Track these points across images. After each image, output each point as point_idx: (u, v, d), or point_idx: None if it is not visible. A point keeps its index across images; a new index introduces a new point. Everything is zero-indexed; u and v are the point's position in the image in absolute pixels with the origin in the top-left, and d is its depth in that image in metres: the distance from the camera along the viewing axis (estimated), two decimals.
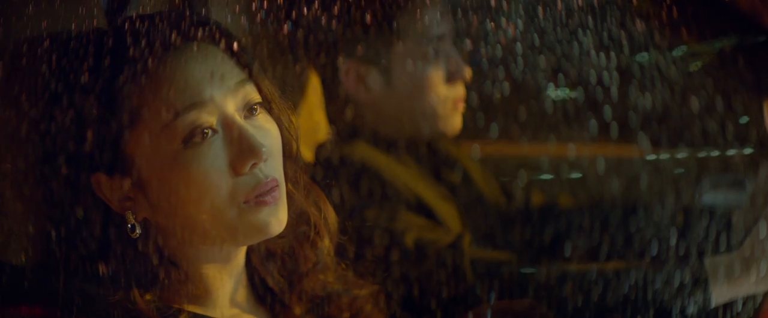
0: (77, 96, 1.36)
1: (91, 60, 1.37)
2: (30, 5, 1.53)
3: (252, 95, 1.42)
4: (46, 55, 1.39)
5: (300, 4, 1.95)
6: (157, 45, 1.38)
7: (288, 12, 1.97)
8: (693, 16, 2.04)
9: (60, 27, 1.45)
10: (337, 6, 1.98)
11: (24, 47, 1.42)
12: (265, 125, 1.43)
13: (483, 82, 2.17)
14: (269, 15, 1.92)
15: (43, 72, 1.38)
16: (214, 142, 1.38)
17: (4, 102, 1.42)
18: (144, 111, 1.36)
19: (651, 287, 1.79)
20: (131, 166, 1.38)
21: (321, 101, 2.19)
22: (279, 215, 1.41)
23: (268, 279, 1.52)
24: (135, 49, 1.37)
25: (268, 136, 1.42)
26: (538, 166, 2.46)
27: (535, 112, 2.32)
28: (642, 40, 2.01)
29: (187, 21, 1.42)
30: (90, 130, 1.36)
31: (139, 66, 1.37)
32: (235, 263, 1.47)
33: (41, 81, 1.38)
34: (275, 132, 1.44)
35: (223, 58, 1.42)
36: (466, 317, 1.80)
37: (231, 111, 1.39)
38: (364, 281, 1.60)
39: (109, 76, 1.37)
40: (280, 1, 1.91)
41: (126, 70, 1.36)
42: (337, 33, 2.05)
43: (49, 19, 1.49)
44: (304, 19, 2.00)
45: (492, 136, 2.32)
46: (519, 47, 2.04)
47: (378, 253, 1.90)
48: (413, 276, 1.93)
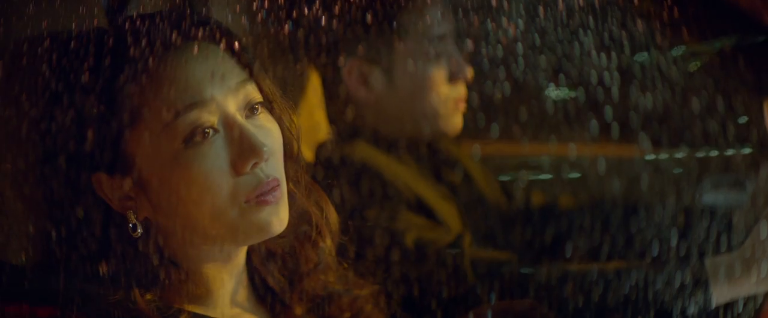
0: (78, 95, 1.36)
1: (92, 59, 1.37)
2: (30, 5, 1.52)
3: (253, 95, 1.42)
4: (46, 55, 1.39)
5: (301, 3, 1.95)
6: (158, 44, 1.38)
7: (289, 12, 1.97)
8: (693, 16, 2.03)
9: (60, 26, 1.44)
10: (338, 5, 1.98)
11: (24, 47, 1.42)
12: (266, 125, 1.42)
13: (484, 82, 2.17)
14: (270, 14, 1.92)
15: (44, 71, 1.38)
16: (215, 141, 1.37)
17: (4, 102, 1.41)
18: (145, 110, 1.36)
19: (652, 288, 1.79)
20: (132, 165, 1.37)
21: (321, 101, 2.19)
22: (280, 215, 1.41)
23: (268, 279, 1.52)
24: (135, 49, 1.37)
25: (269, 135, 1.41)
26: (538, 166, 2.46)
27: (536, 112, 2.31)
28: (642, 40, 2.01)
29: (188, 20, 1.41)
30: (90, 129, 1.36)
31: (140, 65, 1.36)
32: (236, 263, 1.47)
33: (42, 80, 1.38)
34: (276, 131, 1.43)
35: (224, 57, 1.42)
36: (466, 317, 1.80)
37: (232, 110, 1.39)
38: (364, 281, 1.60)
39: (110, 75, 1.36)
40: (280, 1, 1.91)
41: (126, 69, 1.36)
42: (338, 33, 2.05)
43: (50, 19, 1.49)
44: (304, 19, 2.00)
45: (493, 136, 2.32)
46: (520, 47, 2.04)
47: (378, 253, 1.90)
48: (414, 276, 1.93)
